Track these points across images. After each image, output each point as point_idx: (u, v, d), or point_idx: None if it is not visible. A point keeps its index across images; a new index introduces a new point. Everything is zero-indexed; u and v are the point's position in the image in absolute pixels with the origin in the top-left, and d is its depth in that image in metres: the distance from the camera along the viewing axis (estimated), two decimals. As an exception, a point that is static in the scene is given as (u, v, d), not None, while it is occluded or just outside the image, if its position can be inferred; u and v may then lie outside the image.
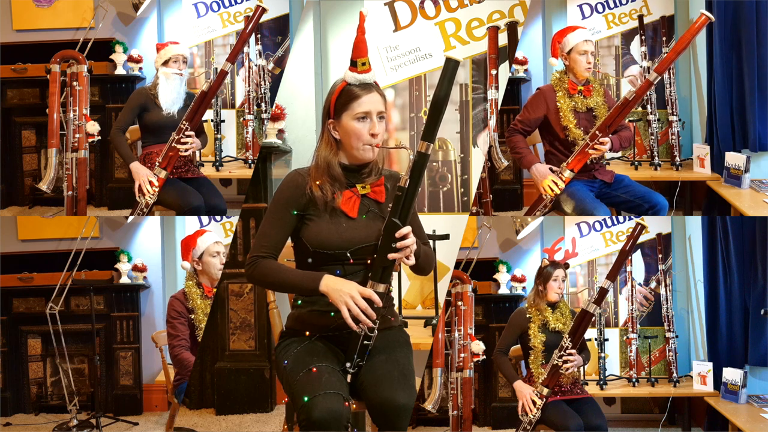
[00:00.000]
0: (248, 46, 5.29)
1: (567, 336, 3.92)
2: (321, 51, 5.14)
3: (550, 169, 4.13)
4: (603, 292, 3.91)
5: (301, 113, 5.14)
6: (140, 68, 5.22)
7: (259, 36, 5.29)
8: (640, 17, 5.27)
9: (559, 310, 4.07)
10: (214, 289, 4.01)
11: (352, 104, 2.89)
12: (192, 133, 4.24)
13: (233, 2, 5.37)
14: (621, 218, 5.12)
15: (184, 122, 4.21)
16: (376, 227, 2.90)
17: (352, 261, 2.89)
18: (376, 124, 2.90)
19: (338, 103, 2.91)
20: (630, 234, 3.89)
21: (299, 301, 2.99)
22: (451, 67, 2.77)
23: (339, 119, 2.92)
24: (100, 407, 5.03)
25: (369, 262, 2.89)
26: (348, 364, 2.87)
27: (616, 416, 5.24)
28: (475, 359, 4.27)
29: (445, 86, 2.78)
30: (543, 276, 4.09)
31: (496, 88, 4.88)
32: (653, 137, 5.26)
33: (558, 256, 4.18)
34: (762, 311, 4.76)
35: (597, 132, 4.04)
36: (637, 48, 5.32)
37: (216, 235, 4.08)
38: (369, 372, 2.87)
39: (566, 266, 4.18)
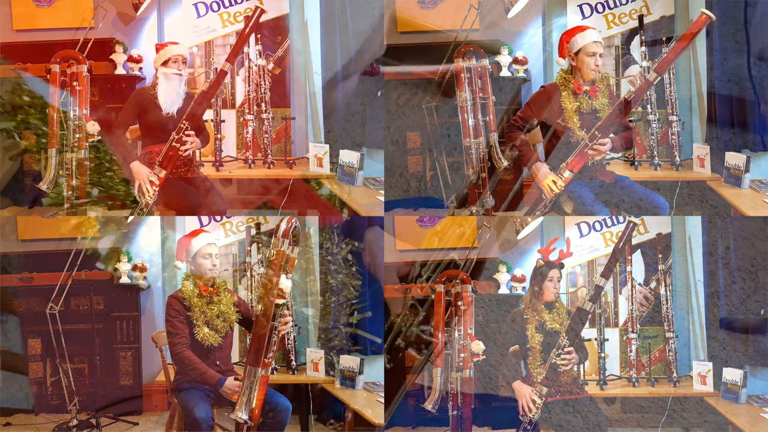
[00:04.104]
0: (248, 46, 5.29)
1: (564, 335, 3.92)
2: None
3: (550, 168, 4.12)
4: (598, 289, 3.91)
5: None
6: (140, 68, 5.23)
7: (259, 36, 5.30)
8: (640, 17, 5.27)
9: (555, 310, 4.07)
10: (210, 289, 4.01)
11: None
12: (192, 132, 4.25)
13: (233, 2, 5.37)
14: (621, 218, 5.12)
15: (183, 121, 4.22)
16: None
17: None
18: None
19: None
20: (622, 232, 3.89)
21: None
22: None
23: None
24: (100, 407, 5.03)
25: None
26: None
27: (616, 416, 5.24)
28: (475, 359, 4.26)
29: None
30: (538, 276, 4.09)
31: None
32: (653, 137, 5.26)
33: (553, 256, 4.18)
34: (762, 311, 4.76)
35: (596, 132, 4.03)
36: (637, 48, 5.32)
37: (211, 237, 4.08)
38: None
39: (561, 266, 4.17)
